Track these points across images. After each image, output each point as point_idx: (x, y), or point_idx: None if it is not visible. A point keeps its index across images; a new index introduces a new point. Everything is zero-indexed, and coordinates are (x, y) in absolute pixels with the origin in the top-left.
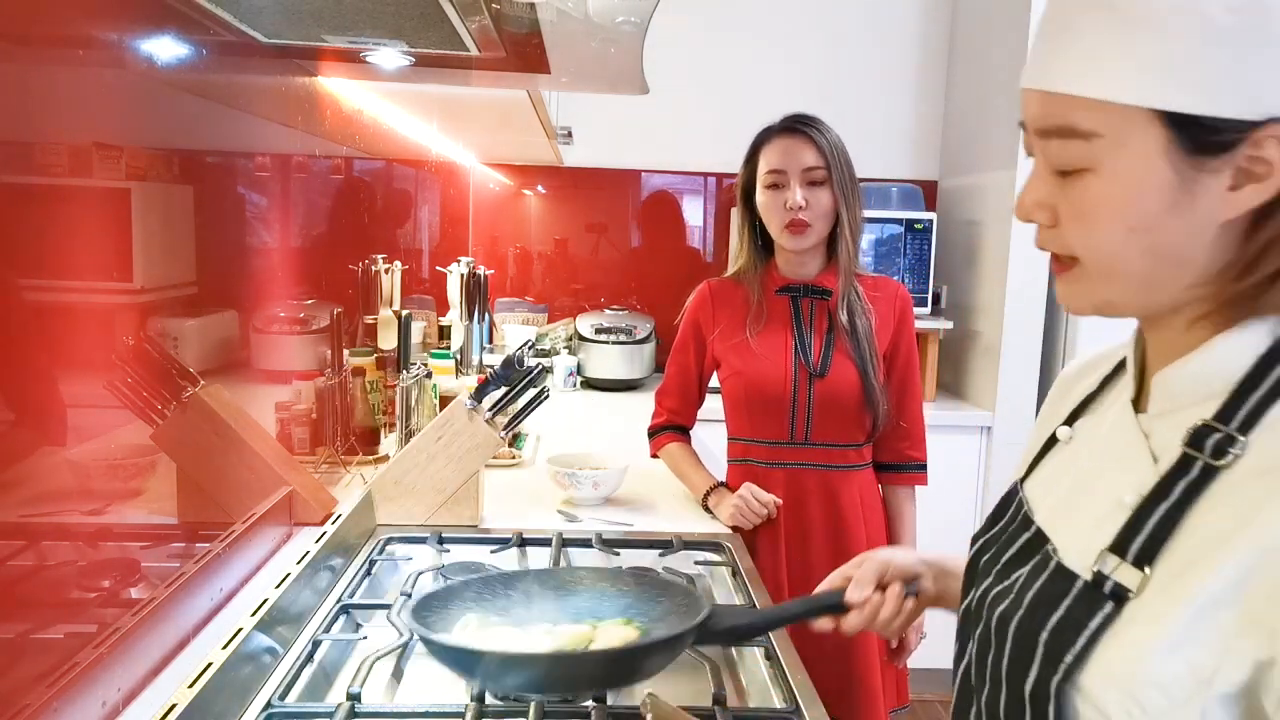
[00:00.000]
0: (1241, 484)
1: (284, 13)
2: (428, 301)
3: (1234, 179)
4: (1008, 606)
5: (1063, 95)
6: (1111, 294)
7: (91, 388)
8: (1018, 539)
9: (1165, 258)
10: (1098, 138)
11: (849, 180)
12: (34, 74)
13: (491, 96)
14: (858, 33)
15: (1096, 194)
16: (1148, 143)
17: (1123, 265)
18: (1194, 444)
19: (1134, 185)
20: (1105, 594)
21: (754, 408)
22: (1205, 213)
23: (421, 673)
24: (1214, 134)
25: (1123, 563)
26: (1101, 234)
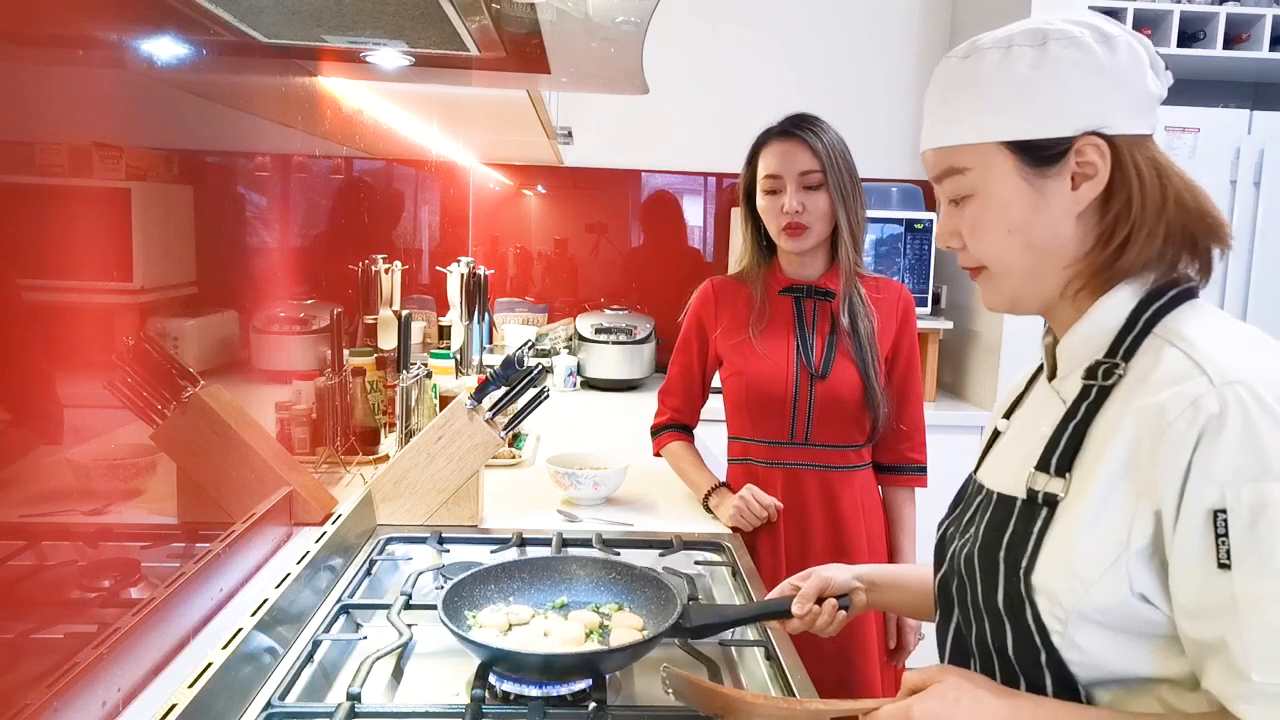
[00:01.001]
0: (1126, 391)
1: (284, 13)
2: (428, 301)
3: (1074, 180)
4: (969, 548)
5: (945, 147)
6: (1012, 286)
7: (91, 388)
8: (971, 505)
9: (1040, 249)
10: (970, 170)
11: (848, 182)
12: (34, 74)
13: (491, 96)
14: (858, 32)
15: (979, 211)
16: (1003, 166)
17: (1011, 261)
18: (1089, 375)
19: (1001, 199)
20: (1039, 504)
21: (754, 407)
22: (1059, 209)
23: (421, 673)
24: (1044, 150)
25: (1049, 476)
26: (989, 240)
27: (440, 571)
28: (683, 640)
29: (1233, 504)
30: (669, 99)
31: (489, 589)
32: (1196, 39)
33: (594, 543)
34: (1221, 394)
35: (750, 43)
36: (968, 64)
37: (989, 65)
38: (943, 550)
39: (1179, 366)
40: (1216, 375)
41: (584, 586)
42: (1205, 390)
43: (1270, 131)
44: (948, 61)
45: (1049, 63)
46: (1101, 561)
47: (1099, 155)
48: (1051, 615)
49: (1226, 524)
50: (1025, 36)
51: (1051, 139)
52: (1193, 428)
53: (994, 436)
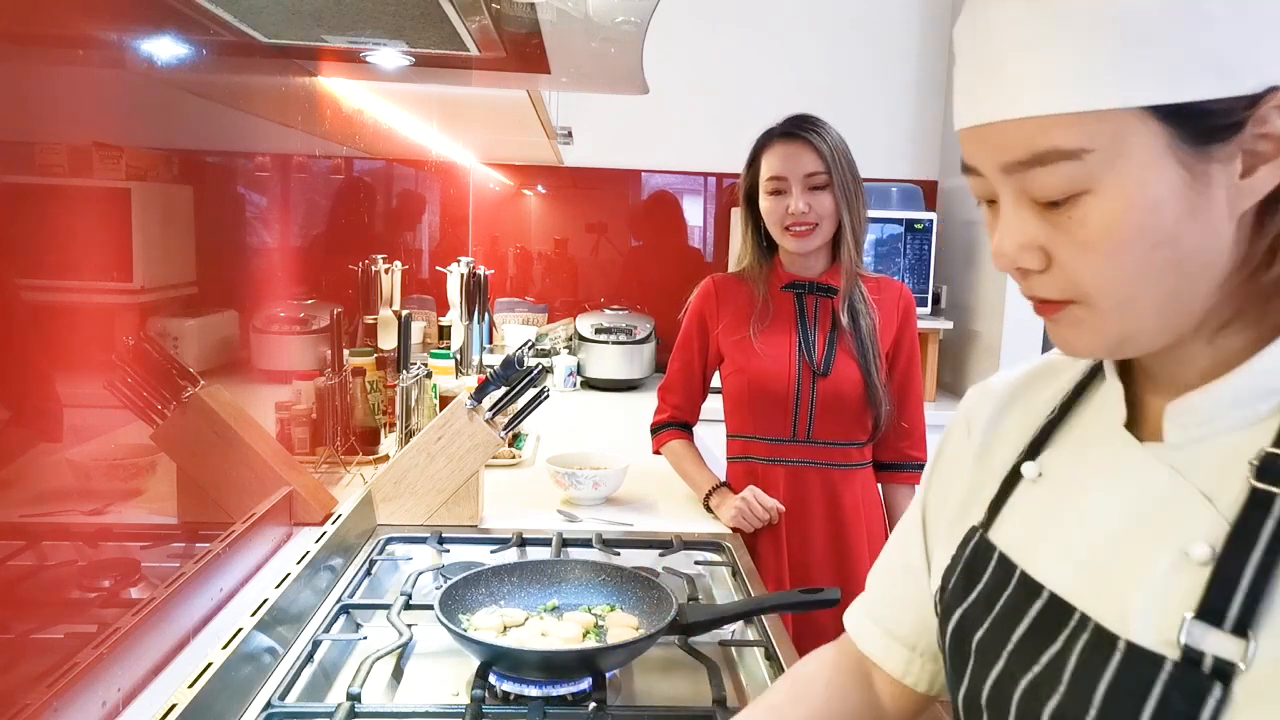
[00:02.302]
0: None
1: (284, 13)
2: (428, 301)
3: (1244, 163)
4: (1063, 702)
5: (1035, 118)
6: (1129, 326)
7: (91, 388)
8: (1025, 610)
9: (1190, 269)
10: (1089, 153)
11: (851, 182)
12: (34, 74)
13: (491, 96)
14: (858, 33)
15: (1103, 217)
16: (1147, 145)
17: (1145, 290)
18: (1267, 478)
19: (1143, 196)
20: (1207, 674)
21: (756, 405)
22: (1222, 208)
23: (421, 673)
24: (1217, 117)
25: (1219, 631)
26: (1120, 260)
27: (440, 571)
28: (682, 639)
29: None
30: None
31: (480, 593)
32: None
33: (594, 543)
34: None
35: (750, 43)
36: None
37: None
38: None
39: None
40: None
41: (575, 588)
42: None
43: None
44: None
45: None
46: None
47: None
48: None
49: None
50: None
51: (1226, 100)
52: None
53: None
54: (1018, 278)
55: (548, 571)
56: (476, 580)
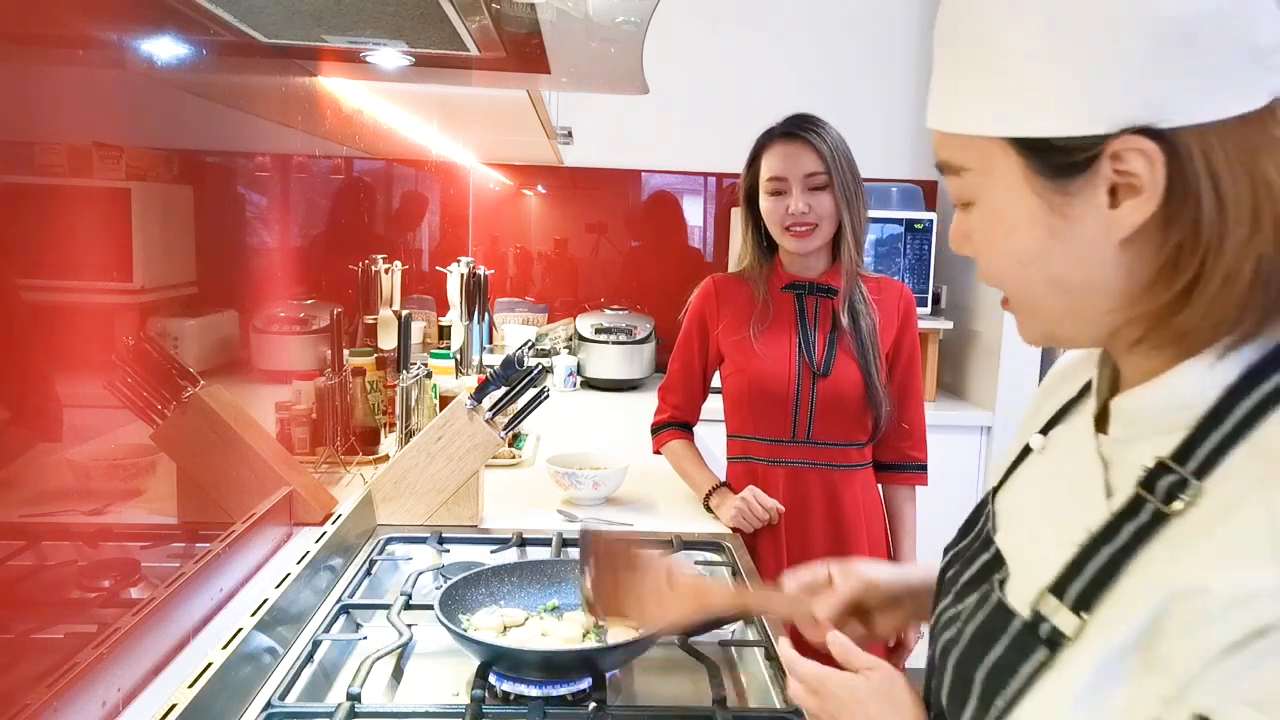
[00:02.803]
0: (1184, 533)
1: (284, 13)
2: (428, 301)
3: (1113, 195)
4: (951, 636)
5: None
6: (1043, 326)
7: (91, 388)
8: (979, 558)
9: (1071, 288)
10: (967, 171)
11: (851, 182)
12: (34, 74)
13: (491, 96)
14: (858, 32)
15: (982, 227)
16: (1009, 172)
17: (1037, 300)
18: (1148, 485)
19: (1007, 217)
20: (1041, 638)
21: (756, 405)
22: (1094, 235)
23: (421, 673)
24: (1067, 154)
25: (1061, 606)
26: (997, 267)
27: (440, 571)
28: (682, 639)
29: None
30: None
31: (480, 593)
32: None
33: None
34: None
35: (750, 43)
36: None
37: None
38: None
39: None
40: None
41: (575, 588)
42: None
43: None
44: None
45: (1078, 19)
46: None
47: (1145, 163)
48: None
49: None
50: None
51: (1075, 138)
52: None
53: (1025, 451)
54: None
55: (548, 571)
56: (476, 580)
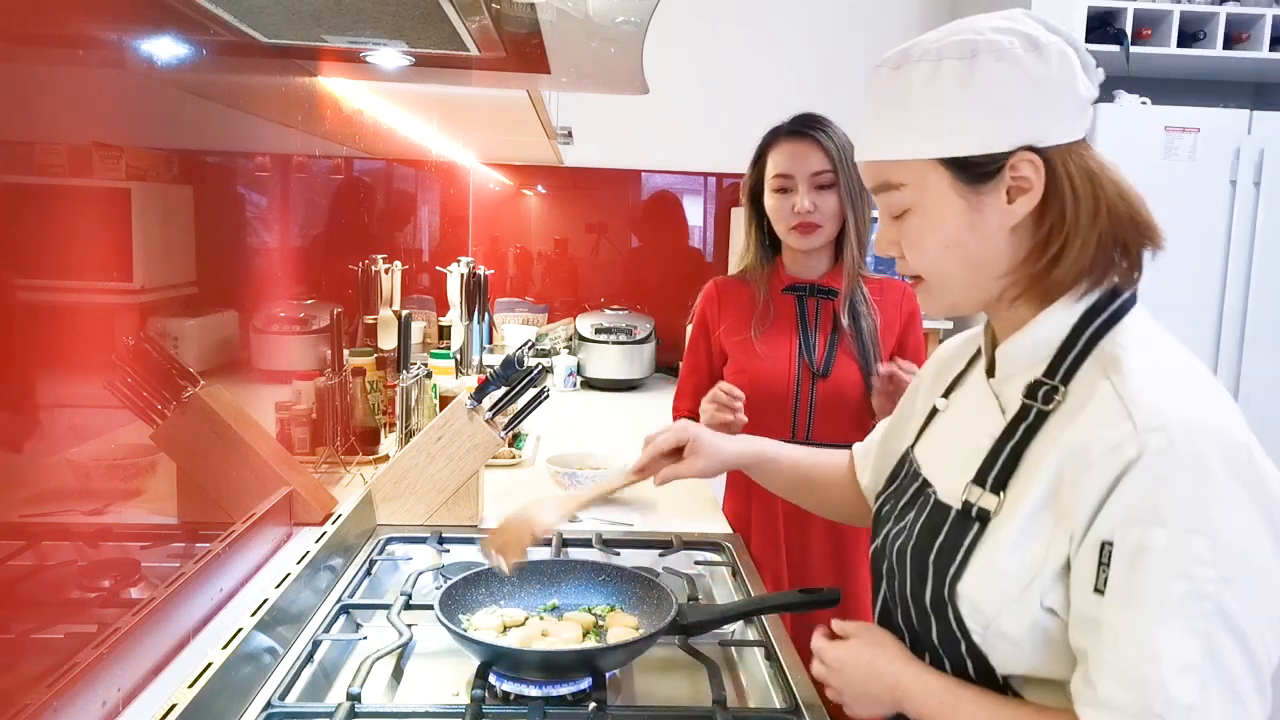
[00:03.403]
0: (1061, 420)
1: (284, 13)
2: (428, 301)
3: (1009, 194)
4: (903, 540)
5: (877, 162)
6: (950, 297)
7: (91, 388)
8: (908, 489)
9: (976, 262)
10: (907, 186)
11: (856, 183)
12: (34, 74)
13: (491, 96)
14: (858, 32)
15: (918, 227)
16: (939, 183)
17: (948, 275)
18: (1029, 395)
19: (938, 215)
20: (972, 517)
21: (756, 405)
22: (995, 223)
23: (421, 673)
24: (979, 167)
25: (984, 491)
26: (928, 255)
27: (440, 571)
28: (682, 639)
29: (1119, 540)
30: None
31: (480, 593)
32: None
33: (594, 543)
34: (1142, 440)
35: (750, 43)
36: (899, 77)
37: (919, 80)
38: (879, 525)
39: (1109, 407)
40: (1141, 421)
41: (574, 588)
42: (1128, 436)
43: (1270, 131)
44: (879, 71)
45: (979, 78)
46: (1021, 578)
47: (1033, 170)
48: (973, 620)
49: (1110, 556)
50: (955, 49)
51: (986, 155)
52: (1112, 469)
53: (931, 413)
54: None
55: (548, 571)
56: (476, 580)
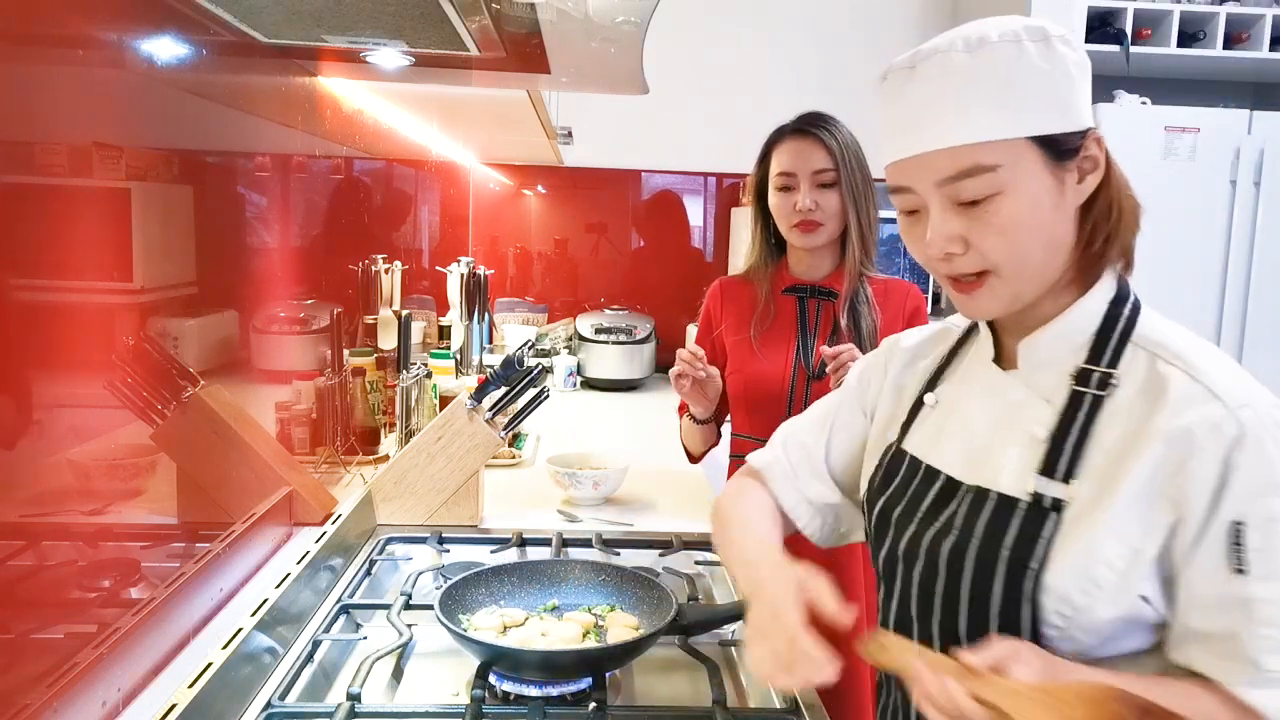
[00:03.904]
0: (1125, 406)
1: (284, 13)
2: (428, 301)
3: (1079, 174)
4: (958, 539)
5: (964, 146)
6: (1021, 288)
7: (91, 388)
8: (929, 489)
9: (1056, 244)
10: (1001, 167)
11: (860, 181)
12: (34, 74)
13: (491, 96)
14: (858, 32)
15: (1010, 210)
16: (1033, 161)
17: (1031, 261)
18: (1081, 382)
19: (1032, 195)
20: (1047, 508)
21: (752, 406)
22: (1071, 203)
23: (421, 673)
24: (1064, 143)
25: (1053, 481)
26: (1019, 238)
27: (440, 571)
28: (682, 639)
29: (1251, 517)
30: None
31: (480, 593)
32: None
33: (594, 543)
34: (1239, 418)
35: (750, 43)
36: (980, 58)
37: (1007, 59)
38: (893, 527)
39: (1190, 390)
40: (1228, 399)
41: (575, 589)
42: (1224, 416)
43: (1270, 131)
44: (949, 56)
45: (1057, 59)
46: (1117, 566)
47: (1099, 149)
48: (1057, 614)
49: (1243, 535)
50: (1029, 33)
51: (1072, 133)
52: (1218, 448)
53: (917, 406)
54: (942, 265)
55: (548, 571)
56: (476, 580)
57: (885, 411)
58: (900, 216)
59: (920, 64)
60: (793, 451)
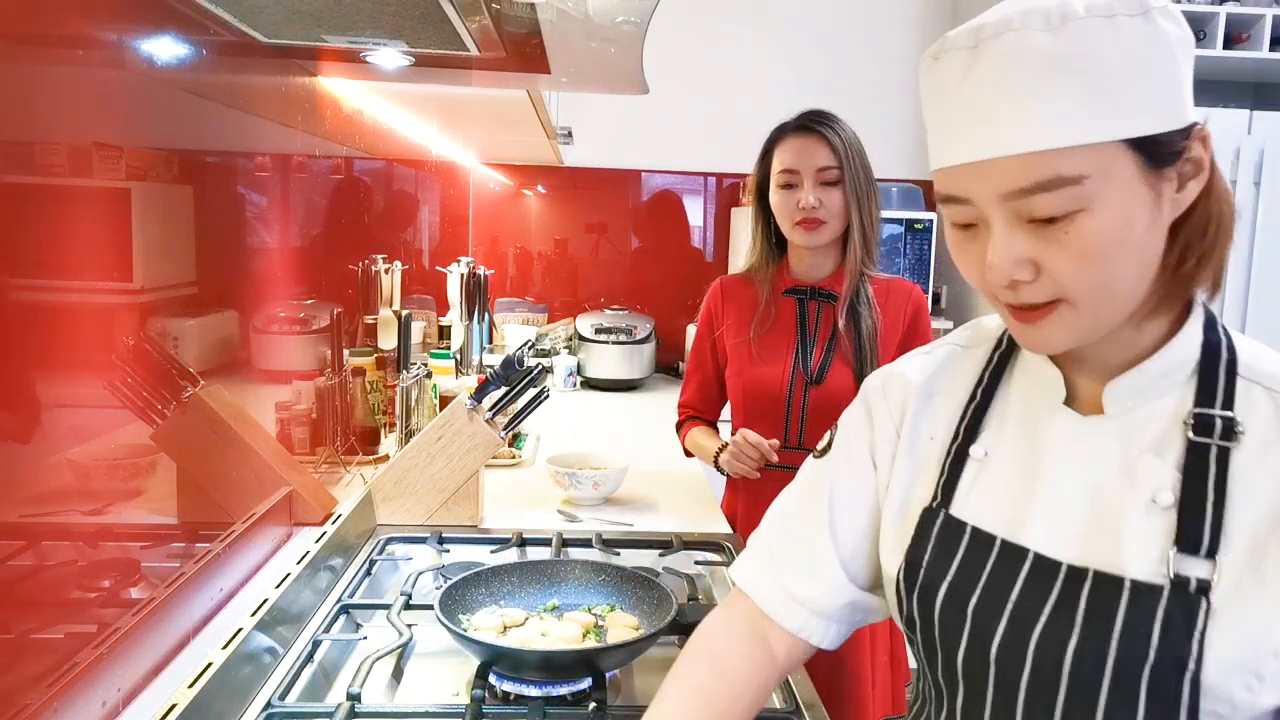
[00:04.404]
0: (1257, 456)
1: (284, 13)
2: (428, 301)
3: (1179, 181)
4: (1085, 641)
5: (1041, 152)
6: (1099, 321)
7: (91, 388)
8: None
9: (1145, 266)
10: (1086, 179)
11: (863, 180)
12: (34, 74)
13: (491, 96)
14: (858, 32)
15: (1097, 228)
16: (1126, 170)
17: (1116, 290)
18: (1201, 431)
19: (1125, 211)
20: (1193, 592)
21: (751, 410)
22: (1166, 217)
23: (421, 673)
24: (1166, 146)
25: (1196, 558)
26: (1106, 263)
27: (440, 571)
28: (682, 639)
29: None
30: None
31: (480, 593)
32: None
33: (594, 543)
34: None
35: (750, 43)
36: (1064, 38)
37: (1098, 39)
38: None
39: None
40: None
41: (575, 589)
42: None
43: (1270, 131)
44: (1023, 35)
45: (1158, 39)
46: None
47: (1205, 148)
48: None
49: None
50: (1124, 4)
51: (1173, 132)
52: None
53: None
54: (1004, 293)
55: (548, 571)
56: (476, 580)
57: (907, 467)
58: (951, 231)
59: (986, 44)
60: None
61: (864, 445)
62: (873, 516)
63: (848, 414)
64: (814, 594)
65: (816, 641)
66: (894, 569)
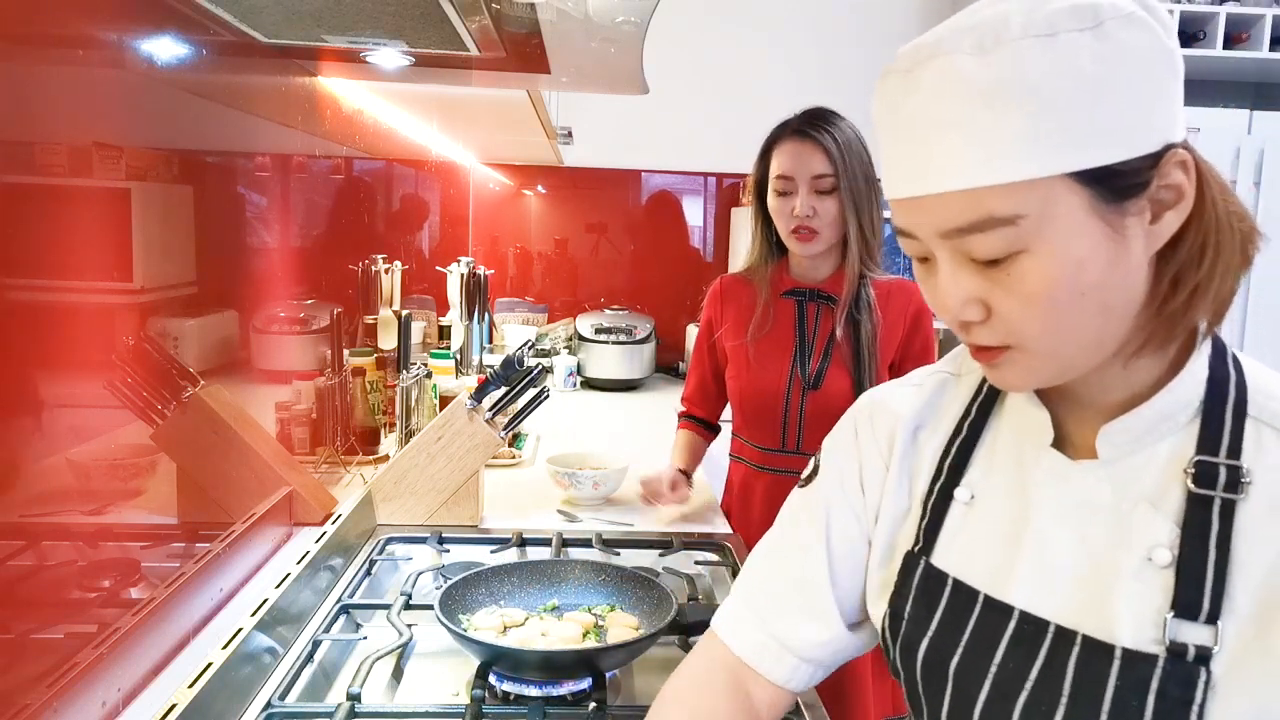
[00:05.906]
0: (1265, 508)
1: (284, 13)
2: (428, 301)
3: (1153, 212)
4: (1069, 713)
5: (972, 190)
6: (1060, 365)
7: (91, 388)
8: (999, 632)
9: (1114, 308)
10: (1022, 219)
11: (861, 185)
12: (34, 74)
13: (491, 96)
14: (858, 32)
15: (1038, 273)
16: (1072, 207)
17: (1075, 332)
18: (1203, 483)
19: (1072, 252)
20: (1192, 661)
21: (748, 413)
22: (1139, 253)
23: (421, 673)
24: (1127, 177)
25: (1195, 624)
26: (1055, 310)
27: (440, 571)
28: (682, 639)
29: None
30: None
31: (480, 593)
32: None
33: (594, 543)
34: None
35: (750, 43)
36: (993, 63)
37: (1035, 66)
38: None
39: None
40: None
41: (575, 589)
42: None
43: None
44: (952, 60)
45: (1112, 54)
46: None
47: (1184, 174)
48: None
49: None
50: (1070, 17)
51: (1135, 160)
52: None
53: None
54: (958, 330)
55: (548, 571)
56: (476, 580)
57: (894, 504)
58: (914, 262)
59: (918, 68)
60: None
61: (854, 471)
62: (868, 546)
63: (835, 439)
64: (806, 637)
65: (799, 688)
66: (879, 614)
